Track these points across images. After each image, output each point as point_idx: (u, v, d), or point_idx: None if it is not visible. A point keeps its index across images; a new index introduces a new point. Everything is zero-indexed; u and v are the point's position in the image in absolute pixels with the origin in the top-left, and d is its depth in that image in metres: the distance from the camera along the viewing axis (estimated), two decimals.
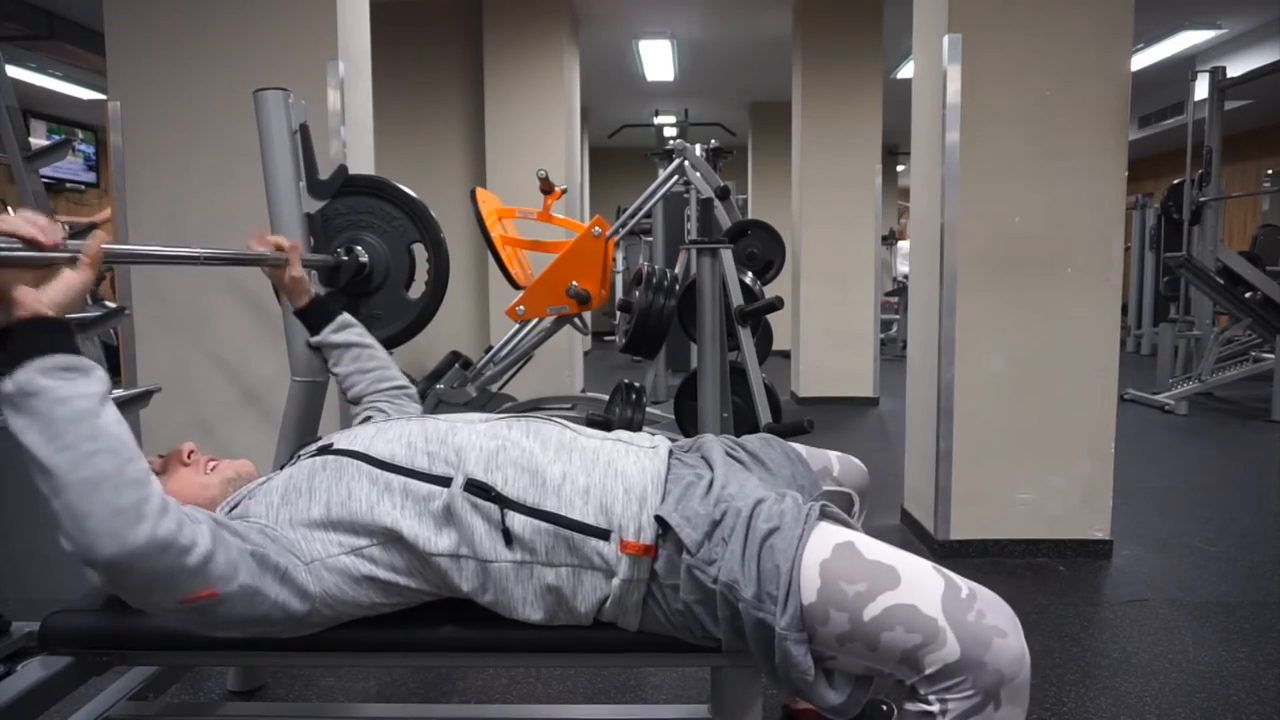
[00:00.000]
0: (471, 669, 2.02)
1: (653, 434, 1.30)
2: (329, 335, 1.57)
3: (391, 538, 1.10)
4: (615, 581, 1.09)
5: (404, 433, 1.20)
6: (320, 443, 1.27)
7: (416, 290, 2.13)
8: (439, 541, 1.10)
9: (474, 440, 1.17)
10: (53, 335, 0.91)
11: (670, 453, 1.24)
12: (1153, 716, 1.84)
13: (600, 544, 1.09)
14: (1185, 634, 2.26)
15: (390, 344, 2.01)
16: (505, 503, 1.10)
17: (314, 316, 1.58)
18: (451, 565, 1.11)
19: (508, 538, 1.09)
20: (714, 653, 1.13)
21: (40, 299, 0.91)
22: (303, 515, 1.11)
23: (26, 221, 0.93)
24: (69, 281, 0.95)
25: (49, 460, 0.87)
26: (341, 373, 1.59)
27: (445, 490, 1.11)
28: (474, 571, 1.11)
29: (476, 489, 1.11)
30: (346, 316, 1.61)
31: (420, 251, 2.11)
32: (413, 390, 1.61)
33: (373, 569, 1.11)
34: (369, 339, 1.61)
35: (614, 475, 1.14)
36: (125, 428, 0.93)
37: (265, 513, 1.12)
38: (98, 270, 1.00)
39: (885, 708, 1.44)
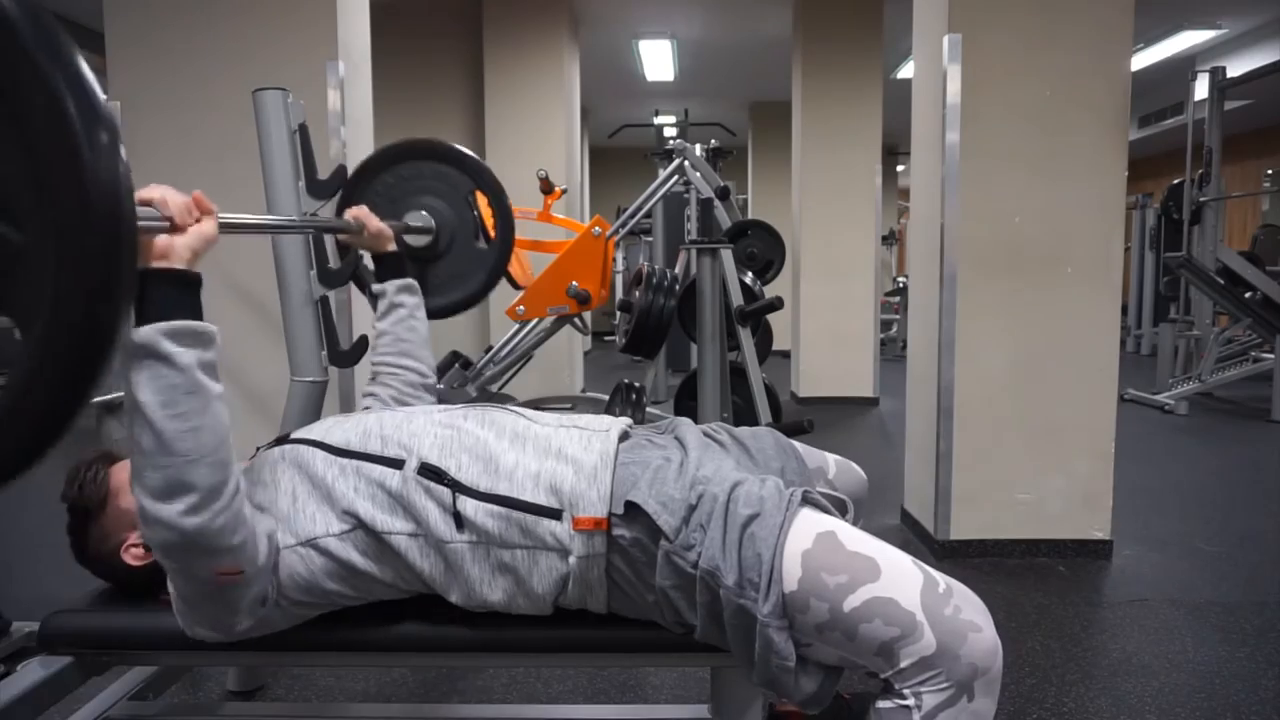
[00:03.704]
0: (471, 669, 2.02)
1: (614, 417, 1.30)
2: (390, 290, 1.59)
3: (350, 523, 1.11)
4: (572, 560, 1.09)
5: (360, 421, 1.22)
6: (277, 437, 1.28)
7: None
8: (394, 522, 1.11)
9: (428, 428, 1.18)
10: (182, 294, 0.96)
11: (625, 433, 1.24)
12: (1153, 716, 1.84)
13: (553, 524, 1.09)
14: (1185, 634, 2.26)
15: (478, 296, 1.99)
16: (458, 487, 1.11)
17: (388, 267, 1.60)
18: (409, 545, 1.11)
19: (459, 521, 1.10)
20: (714, 653, 1.13)
21: (174, 248, 0.96)
22: (266, 506, 1.12)
23: (169, 199, 0.97)
24: (204, 232, 1.00)
25: (160, 424, 0.93)
26: (381, 327, 1.59)
27: (398, 472, 1.12)
28: (431, 552, 1.11)
29: (429, 473, 1.12)
30: (413, 282, 1.62)
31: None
32: (431, 382, 1.60)
33: (333, 556, 1.11)
34: (421, 313, 1.62)
35: (564, 460, 1.14)
36: (223, 401, 0.99)
37: None
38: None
39: (846, 698, 1.43)
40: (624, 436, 1.24)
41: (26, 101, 0.68)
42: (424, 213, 1.91)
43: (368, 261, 1.70)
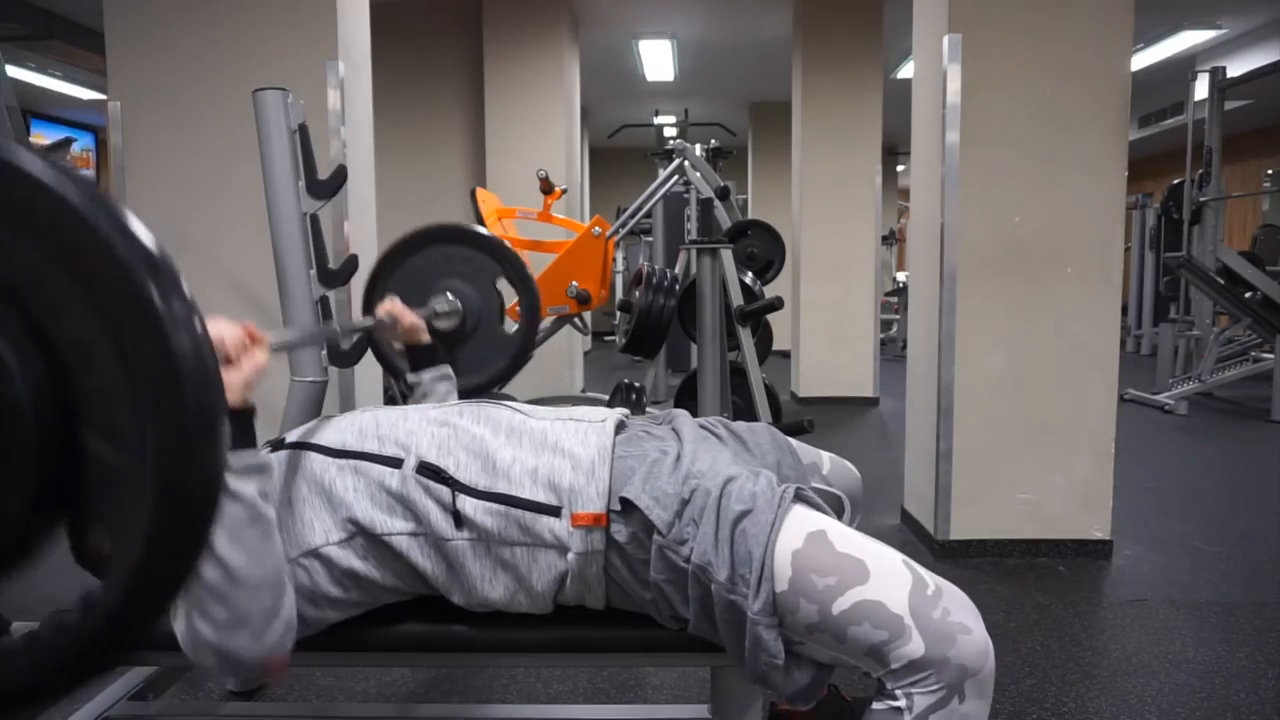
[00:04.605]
0: (471, 669, 2.02)
1: (609, 408, 1.30)
2: (427, 380, 1.62)
3: (349, 530, 1.10)
4: (570, 556, 1.09)
5: (355, 421, 1.21)
6: (271, 441, 1.27)
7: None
8: (393, 523, 1.11)
9: (424, 426, 1.18)
10: (240, 429, 0.99)
11: (621, 425, 1.24)
12: (1153, 716, 1.84)
13: (552, 521, 1.09)
14: (1185, 634, 2.26)
15: (500, 381, 2.01)
16: (457, 485, 1.11)
17: (422, 356, 1.63)
18: (410, 545, 1.10)
19: (458, 520, 1.10)
20: (714, 652, 1.13)
21: (232, 385, 0.98)
22: None
23: (226, 338, 0.99)
24: (259, 364, 1.03)
25: (228, 557, 0.96)
26: None
27: (397, 471, 1.12)
28: (431, 551, 1.11)
29: (429, 471, 1.12)
30: (448, 370, 1.65)
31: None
32: None
33: (335, 565, 1.10)
34: (454, 396, 1.65)
35: (561, 455, 1.14)
36: (275, 525, 1.03)
37: None
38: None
39: (847, 700, 1.43)
40: (620, 427, 1.23)
41: (133, 334, 0.68)
42: (449, 295, 1.92)
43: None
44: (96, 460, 0.74)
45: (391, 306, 1.59)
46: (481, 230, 2.04)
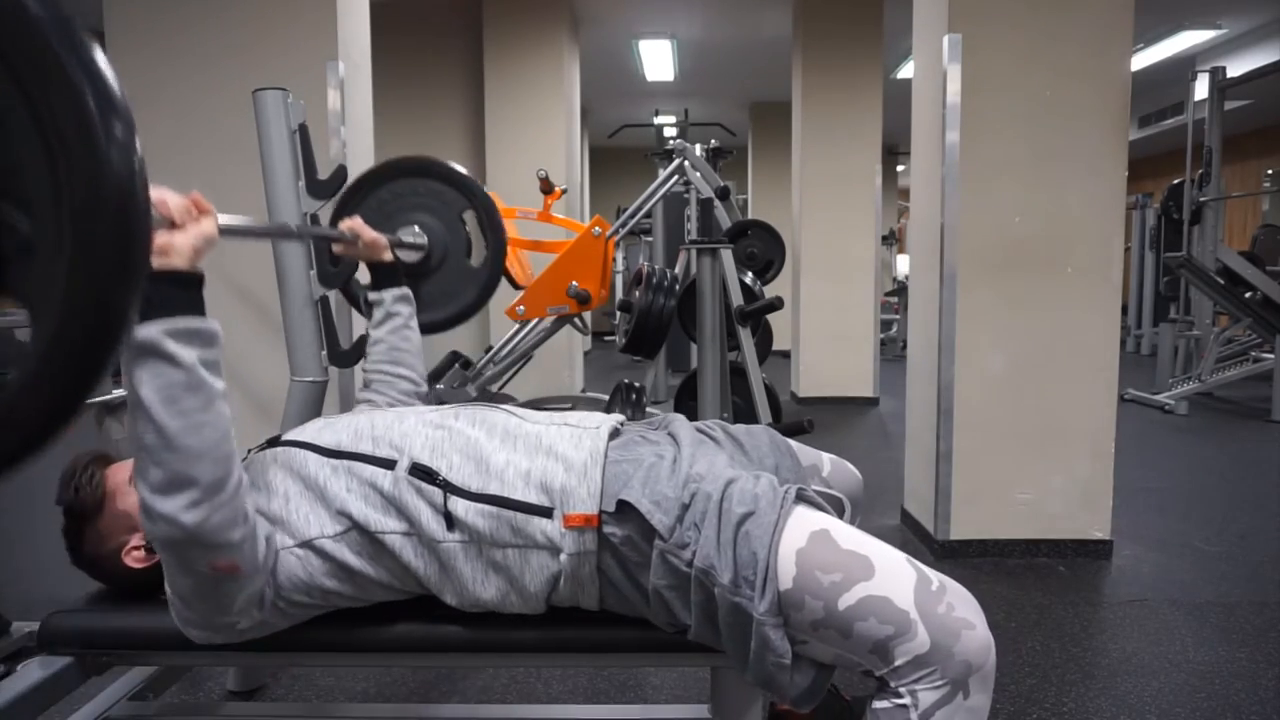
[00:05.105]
0: (472, 669, 2.02)
1: (605, 414, 1.30)
2: (388, 299, 1.61)
3: (344, 523, 1.11)
4: (563, 557, 1.09)
5: (351, 422, 1.22)
6: (268, 439, 1.28)
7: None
8: (387, 522, 1.11)
9: (419, 428, 1.18)
10: (184, 293, 0.97)
11: (616, 430, 1.24)
12: (1153, 716, 1.84)
13: (544, 522, 1.10)
14: (1185, 634, 2.26)
15: (467, 314, 2.01)
16: (449, 488, 1.11)
17: (384, 276, 1.62)
18: (403, 544, 1.11)
19: (450, 521, 1.10)
20: (714, 653, 1.13)
21: (174, 247, 0.97)
22: (262, 509, 1.12)
23: (168, 199, 1.00)
24: (205, 232, 1.01)
25: (163, 421, 0.94)
26: (377, 335, 1.62)
27: (390, 473, 1.13)
28: (424, 551, 1.11)
29: (421, 473, 1.12)
30: (409, 292, 1.65)
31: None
32: (423, 390, 1.63)
33: (330, 557, 1.11)
34: (414, 324, 1.65)
35: (554, 458, 1.14)
36: (225, 399, 1.00)
37: None
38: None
39: (846, 700, 1.43)
40: (616, 433, 1.24)
41: (43, 90, 0.69)
42: (417, 228, 1.92)
43: (361, 275, 1.71)
44: (10, 230, 0.74)
45: (353, 223, 1.58)
46: (449, 164, 2.03)
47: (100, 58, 0.72)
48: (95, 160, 0.70)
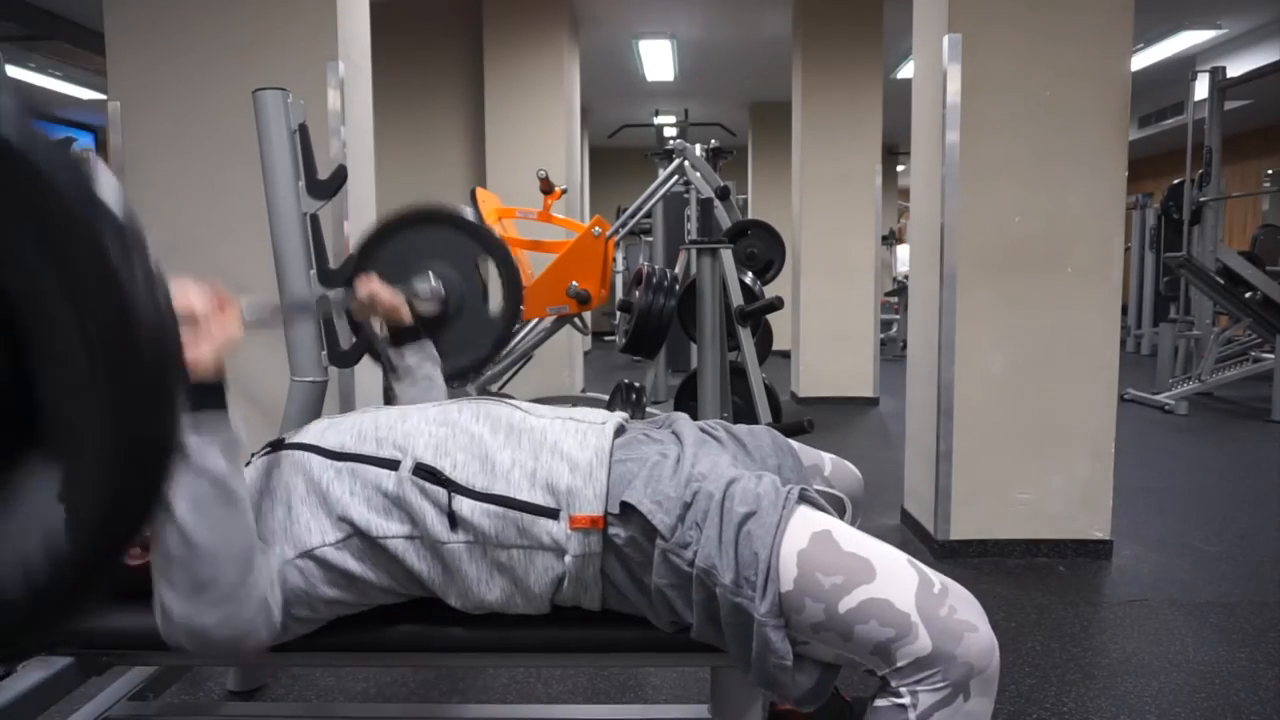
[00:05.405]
0: (471, 669, 2.02)
1: (609, 411, 1.29)
2: (410, 357, 1.56)
3: (345, 530, 1.10)
4: (568, 559, 1.09)
5: (355, 423, 1.21)
6: (271, 442, 1.27)
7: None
8: (389, 525, 1.10)
9: (423, 426, 1.17)
10: (208, 401, 1.00)
11: (621, 428, 1.23)
12: (1153, 716, 1.84)
13: (549, 523, 1.09)
14: (1185, 634, 2.26)
15: (485, 361, 2.01)
16: (454, 487, 1.10)
17: (404, 334, 1.56)
18: (406, 548, 1.10)
19: (454, 522, 1.09)
20: (714, 652, 1.13)
21: (198, 359, 0.98)
22: (265, 516, 1.11)
23: (191, 294, 1.00)
24: (229, 337, 1.03)
25: (190, 531, 0.97)
26: (400, 389, 1.56)
27: (393, 474, 1.12)
28: (427, 554, 1.11)
29: (425, 473, 1.11)
30: (431, 346, 1.59)
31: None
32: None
33: (330, 566, 1.10)
34: (438, 376, 1.60)
35: (559, 457, 1.13)
36: (248, 502, 1.04)
37: None
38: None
39: (847, 700, 1.43)
40: (620, 431, 1.23)
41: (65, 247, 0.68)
42: (431, 277, 1.88)
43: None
44: (55, 412, 0.75)
45: (371, 287, 1.51)
46: (461, 212, 2.02)
47: (148, 258, 0.71)
48: (136, 358, 0.71)
